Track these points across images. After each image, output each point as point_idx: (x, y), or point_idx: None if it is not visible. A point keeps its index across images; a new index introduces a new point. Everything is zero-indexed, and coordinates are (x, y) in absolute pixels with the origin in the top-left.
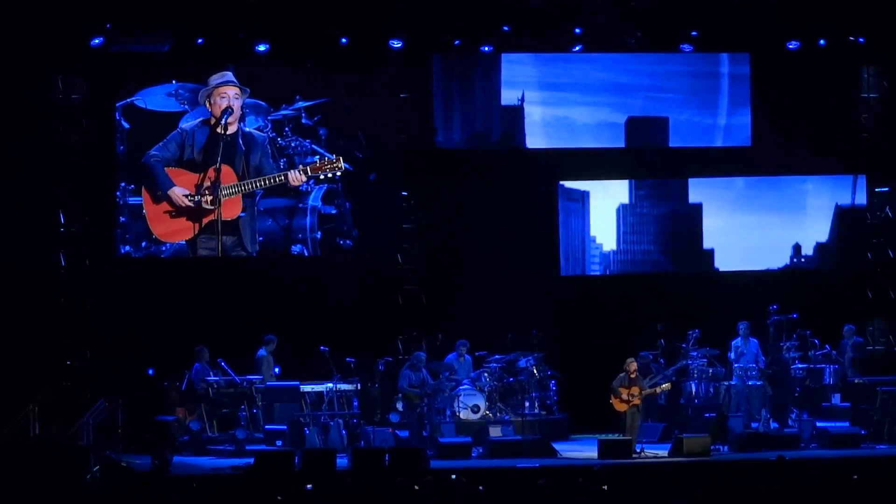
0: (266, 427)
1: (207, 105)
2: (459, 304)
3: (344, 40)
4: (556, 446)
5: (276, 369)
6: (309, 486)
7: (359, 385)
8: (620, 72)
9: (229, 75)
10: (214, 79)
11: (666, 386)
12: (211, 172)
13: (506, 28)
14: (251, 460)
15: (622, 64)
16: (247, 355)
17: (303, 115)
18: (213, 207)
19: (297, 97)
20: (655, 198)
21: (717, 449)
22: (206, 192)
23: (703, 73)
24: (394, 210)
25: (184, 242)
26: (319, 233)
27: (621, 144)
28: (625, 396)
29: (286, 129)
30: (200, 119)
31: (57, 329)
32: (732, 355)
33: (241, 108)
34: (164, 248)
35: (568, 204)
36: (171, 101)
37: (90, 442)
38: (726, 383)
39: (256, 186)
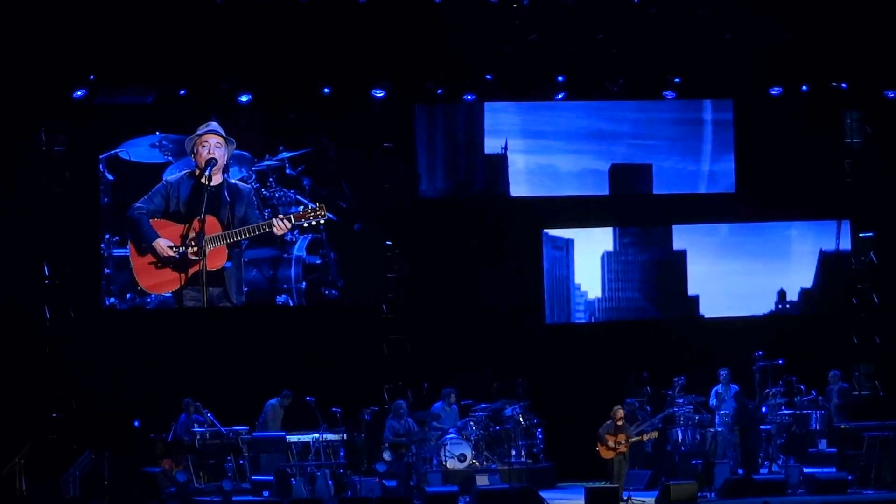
0: (253, 478)
1: (193, 155)
2: (444, 352)
3: (326, 90)
4: (544, 494)
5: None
6: None
7: (345, 435)
8: (604, 119)
9: (214, 125)
10: (200, 129)
11: (653, 434)
12: (196, 223)
13: (488, 77)
14: None
15: (605, 111)
16: (232, 406)
17: (286, 165)
18: (198, 258)
19: (281, 148)
20: (640, 245)
21: (703, 496)
22: (191, 242)
23: (687, 120)
24: (378, 260)
25: (170, 294)
26: (304, 283)
27: (605, 192)
28: (611, 444)
29: (270, 179)
30: (186, 171)
31: (42, 381)
32: (714, 402)
33: (226, 158)
34: (149, 300)
35: (552, 252)
36: (154, 152)
37: (76, 494)
38: (713, 430)
39: (241, 237)
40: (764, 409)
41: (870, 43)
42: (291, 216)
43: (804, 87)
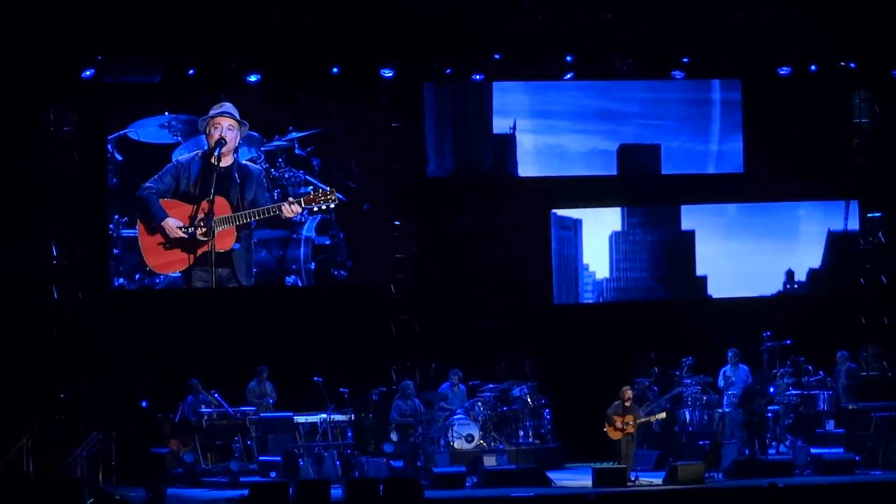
0: (260, 458)
1: (206, 136)
2: (453, 333)
3: (335, 70)
4: (551, 475)
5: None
6: None
7: (353, 415)
8: (612, 99)
9: (227, 106)
10: (213, 109)
11: (661, 415)
12: (205, 204)
13: (497, 56)
14: (246, 492)
15: (613, 91)
16: (241, 387)
17: (296, 145)
18: (206, 239)
19: (290, 128)
20: (648, 225)
21: (711, 476)
22: (200, 223)
23: (695, 100)
24: (387, 240)
25: (178, 275)
26: (313, 263)
27: (613, 172)
28: (619, 424)
29: (279, 159)
30: (197, 151)
31: (50, 362)
32: (722, 383)
33: (237, 141)
34: (157, 281)
35: (560, 232)
36: (163, 132)
37: (84, 474)
38: (720, 410)
39: (250, 218)
40: (772, 390)
41: (879, 23)
42: (301, 199)
43: (813, 67)
